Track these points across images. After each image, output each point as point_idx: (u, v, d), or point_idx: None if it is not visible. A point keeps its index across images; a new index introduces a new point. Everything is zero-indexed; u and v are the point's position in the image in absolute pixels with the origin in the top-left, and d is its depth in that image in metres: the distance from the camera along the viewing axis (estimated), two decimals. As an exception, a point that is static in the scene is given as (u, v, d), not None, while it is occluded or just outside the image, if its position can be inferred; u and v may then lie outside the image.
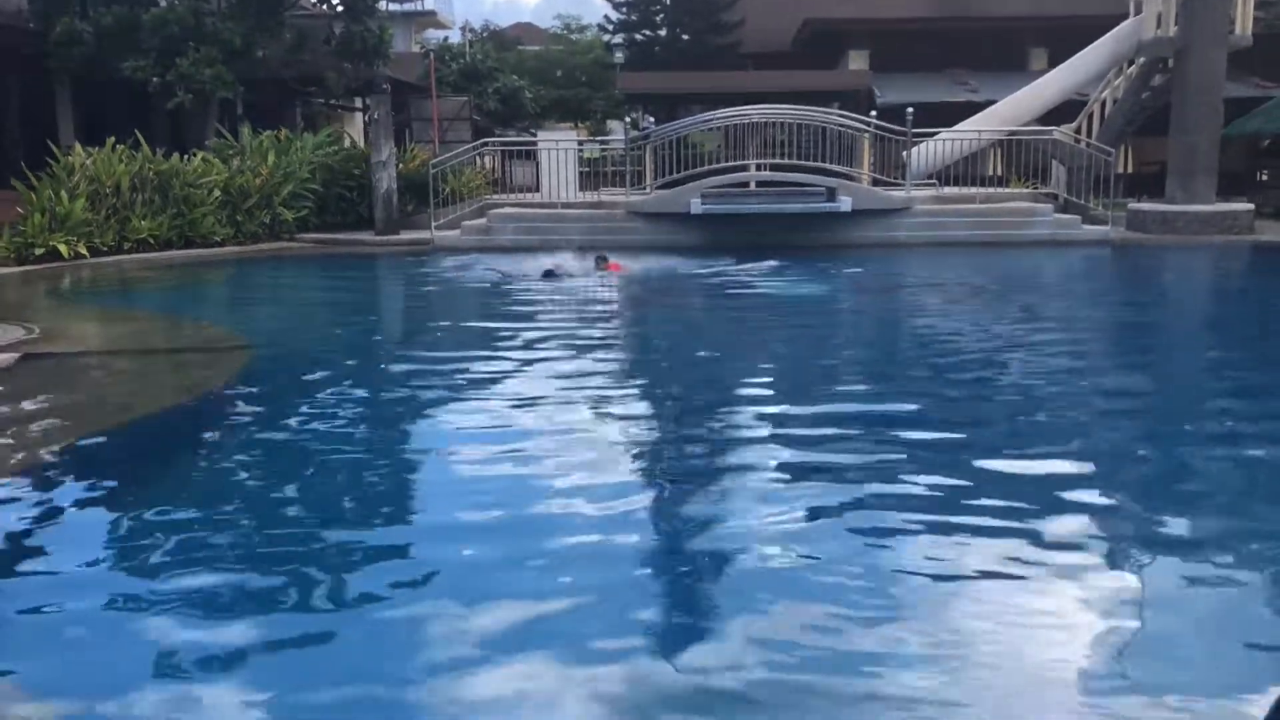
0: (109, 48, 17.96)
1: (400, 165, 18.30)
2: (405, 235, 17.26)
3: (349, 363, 7.98)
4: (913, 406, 6.24)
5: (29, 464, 5.02)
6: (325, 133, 20.05)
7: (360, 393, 6.90)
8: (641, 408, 6.47)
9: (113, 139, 15.70)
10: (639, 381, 7.26)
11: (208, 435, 5.90)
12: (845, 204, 15.67)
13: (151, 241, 15.14)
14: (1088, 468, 4.98)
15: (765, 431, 5.59)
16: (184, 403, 6.54)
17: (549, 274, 12.29)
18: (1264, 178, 21.03)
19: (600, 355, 8.00)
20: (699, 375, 7.32)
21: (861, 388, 6.97)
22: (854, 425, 5.80)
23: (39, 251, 13.75)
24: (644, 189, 17.50)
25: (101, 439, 5.61)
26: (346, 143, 20.39)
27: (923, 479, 4.67)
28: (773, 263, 13.60)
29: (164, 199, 15.54)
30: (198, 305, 11.90)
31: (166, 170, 15.62)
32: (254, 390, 7.03)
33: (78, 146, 15.55)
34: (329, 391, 6.79)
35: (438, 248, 16.36)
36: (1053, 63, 22.21)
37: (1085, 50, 19.41)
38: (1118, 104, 19.17)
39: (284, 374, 7.61)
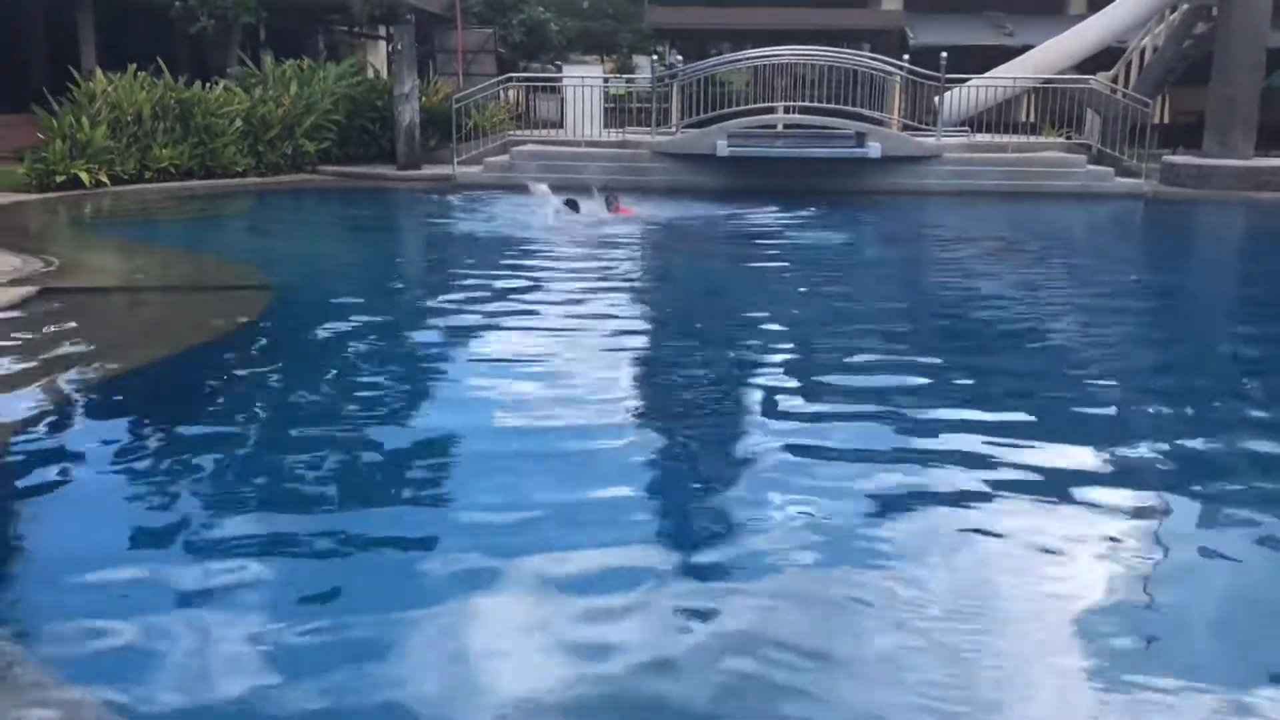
0: (131, -30, 17.75)
1: (423, 98, 18.05)
2: (427, 170, 17.09)
3: (369, 303, 7.91)
4: (932, 378, 6.14)
5: (44, 407, 4.99)
6: (348, 63, 19.78)
7: (380, 335, 6.85)
8: (662, 351, 6.41)
9: (134, 65, 15.53)
10: (661, 330, 7.19)
11: (228, 377, 5.87)
12: (874, 150, 15.39)
13: (173, 171, 15.03)
14: (1122, 445, 4.89)
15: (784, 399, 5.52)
16: (205, 342, 6.49)
17: (570, 203, 12.17)
18: (1305, 132, 20.51)
19: (623, 304, 7.91)
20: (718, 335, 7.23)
21: (874, 355, 6.86)
22: (872, 395, 5.71)
23: (60, 179, 13.67)
24: (670, 129, 17.23)
25: (119, 380, 5.58)
26: (369, 73, 20.14)
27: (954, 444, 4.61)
28: (802, 211, 13.41)
29: (185, 128, 15.40)
30: (219, 238, 11.84)
31: (188, 99, 15.46)
32: (276, 330, 6.99)
33: (99, 73, 15.39)
34: (349, 332, 6.75)
35: (460, 184, 16.19)
36: (1093, 7, 21.62)
37: (1127, -5, 18.87)
38: (1158, 52, 18.68)
39: (305, 313, 7.55)
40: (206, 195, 14.75)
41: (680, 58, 18.36)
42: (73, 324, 6.65)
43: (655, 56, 19.79)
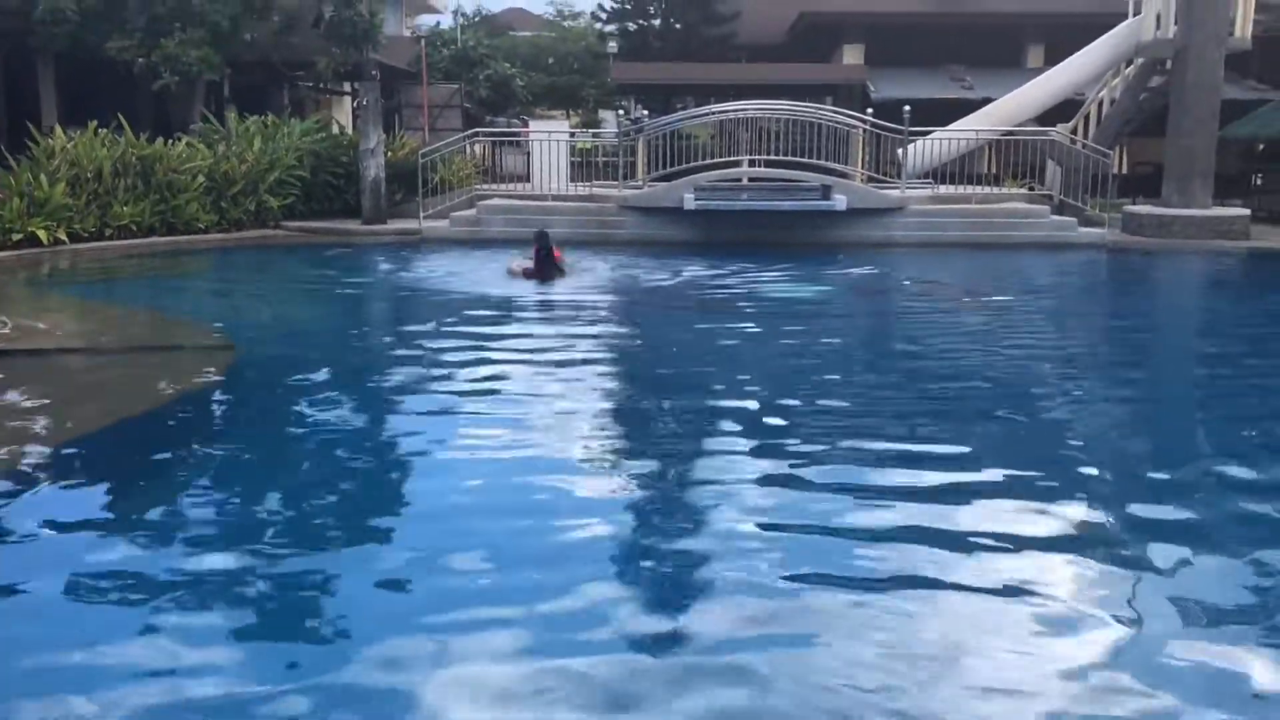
0: (94, 27, 17.62)
1: (389, 153, 18.01)
2: (393, 225, 16.99)
3: (330, 362, 7.75)
4: (909, 432, 6.06)
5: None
6: (313, 119, 19.74)
7: (341, 395, 6.69)
8: (627, 414, 6.29)
9: (95, 122, 15.38)
10: (629, 385, 7.08)
11: (188, 441, 5.69)
12: (840, 202, 15.48)
13: (134, 228, 14.83)
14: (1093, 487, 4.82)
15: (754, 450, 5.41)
16: (164, 405, 6.31)
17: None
18: (1259, 182, 20.92)
19: (589, 363, 7.79)
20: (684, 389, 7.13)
21: (843, 403, 6.79)
22: (845, 452, 5.62)
23: (16, 237, 13.42)
24: (637, 182, 17.27)
25: (76, 444, 5.40)
26: (335, 129, 20.08)
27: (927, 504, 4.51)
28: (771, 265, 13.42)
29: (147, 184, 15.23)
30: (180, 297, 11.63)
31: (150, 155, 15.31)
32: (236, 391, 6.82)
33: (59, 129, 15.22)
34: (310, 393, 6.60)
35: (426, 238, 16.10)
36: (1050, 60, 22.05)
37: (1083, 50, 19.25)
38: (1115, 104, 19.02)
39: (266, 373, 7.40)
40: (168, 252, 14.54)
41: (646, 112, 18.47)
42: (25, 387, 6.45)
43: (621, 111, 19.90)
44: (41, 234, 13.54)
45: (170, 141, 16.12)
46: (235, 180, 16.26)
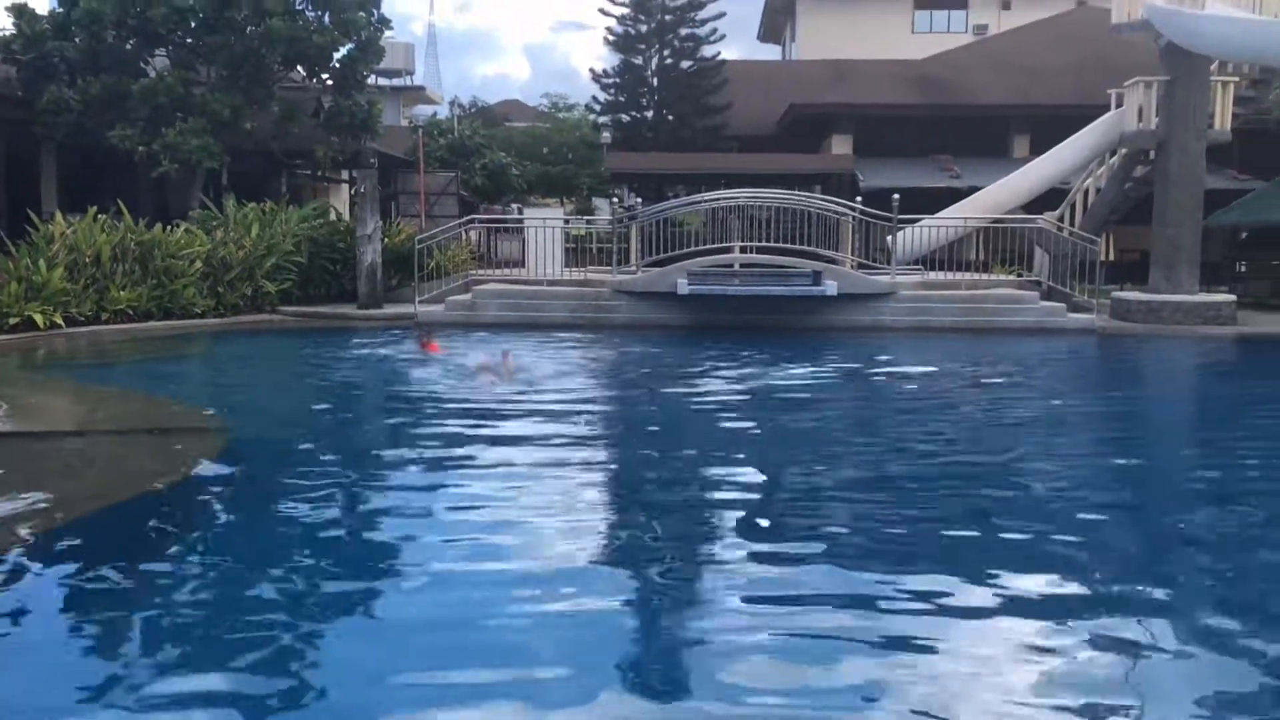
0: (96, 116, 17.95)
1: (385, 239, 18.21)
2: (389, 309, 17.11)
3: (325, 447, 7.75)
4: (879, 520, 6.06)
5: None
6: (311, 206, 19.99)
7: (335, 480, 6.68)
8: (616, 493, 6.28)
9: (94, 208, 15.57)
10: (615, 467, 7.08)
11: (180, 526, 5.67)
12: (831, 288, 15.66)
13: (130, 312, 14.92)
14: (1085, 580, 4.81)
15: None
16: (154, 490, 6.28)
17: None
18: (1243, 269, 21.23)
19: (575, 448, 7.79)
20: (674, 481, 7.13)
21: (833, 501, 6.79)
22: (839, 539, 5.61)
23: (13, 320, 13.50)
24: (630, 267, 17.47)
25: (68, 529, 5.37)
26: (332, 215, 20.33)
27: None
28: (760, 350, 13.48)
29: (144, 269, 15.36)
30: (174, 381, 11.63)
31: (148, 241, 15.48)
32: (226, 475, 6.79)
33: (58, 215, 15.40)
34: (304, 479, 6.58)
35: (422, 322, 16.19)
36: (1035, 150, 22.49)
37: (1068, 140, 19.67)
38: (1101, 193, 19.37)
39: (260, 458, 7.39)
40: (164, 336, 14.60)
41: (639, 199, 18.77)
42: (15, 470, 6.42)
43: (615, 199, 20.19)
44: (38, 318, 13.62)
45: (169, 227, 16.31)
46: (232, 266, 16.41)
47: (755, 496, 6.44)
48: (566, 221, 21.01)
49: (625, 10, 29.16)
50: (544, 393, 9.98)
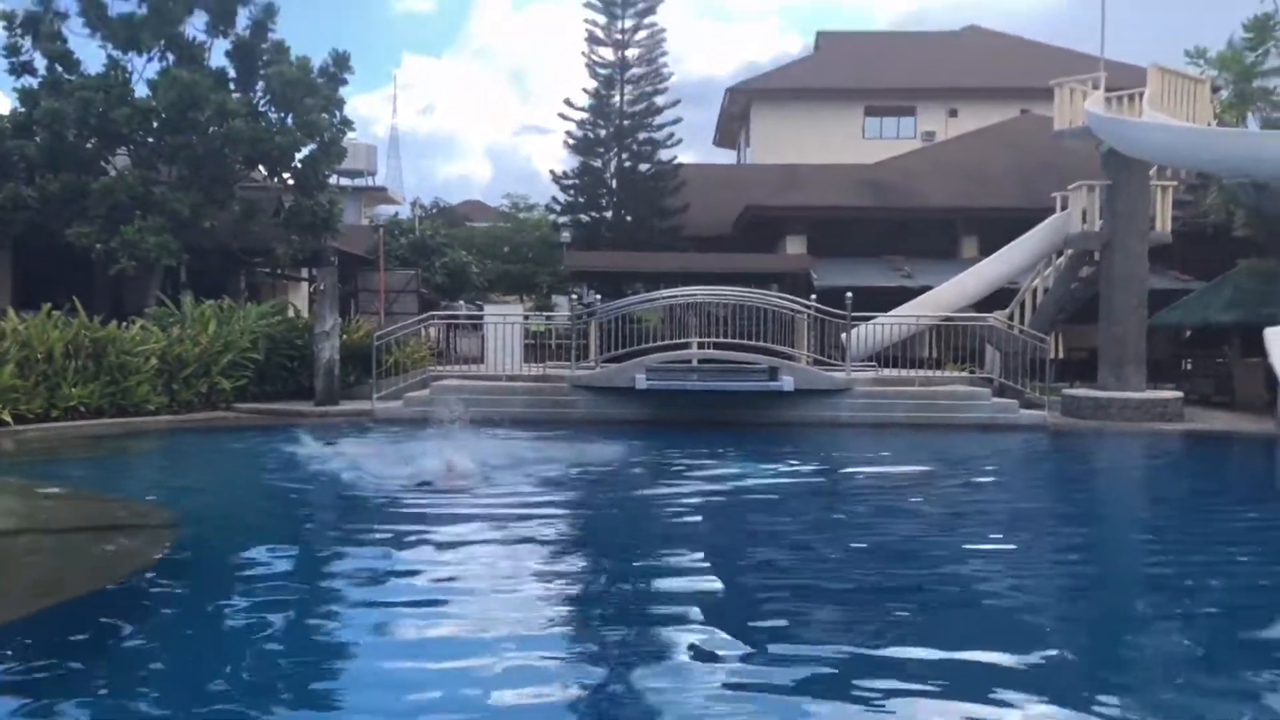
0: (54, 213, 17.95)
1: (344, 336, 18.20)
2: (346, 406, 17.01)
3: (272, 546, 7.60)
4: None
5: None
6: (270, 303, 19.97)
7: (287, 579, 6.57)
8: (571, 604, 6.22)
9: (49, 305, 15.46)
10: (580, 560, 7.02)
11: (130, 623, 5.52)
12: (787, 384, 15.83)
13: (82, 409, 14.70)
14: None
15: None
16: (101, 588, 6.14)
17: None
18: (1188, 366, 21.75)
19: (534, 546, 7.72)
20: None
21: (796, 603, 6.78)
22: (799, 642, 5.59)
23: (-40, 417, 13.26)
24: (589, 363, 17.57)
25: (13, 628, 5.22)
26: (290, 313, 20.31)
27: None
28: (715, 447, 13.51)
29: (98, 366, 15.19)
30: (124, 478, 11.42)
31: (103, 338, 15.34)
32: (178, 574, 6.65)
33: (10, 312, 15.26)
34: (255, 577, 6.47)
35: (378, 419, 16.10)
36: (984, 251, 23.10)
37: (1016, 241, 20.26)
38: (1049, 293, 19.88)
39: (210, 556, 7.26)
40: (114, 434, 14.36)
41: (598, 296, 18.97)
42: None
43: (574, 296, 20.42)
44: (-14, 415, 13.37)
45: (125, 324, 16.19)
46: (188, 362, 16.27)
47: (705, 604, 6.40)
48: (526, 317, 21.14)
49: (585, 115, 29.93)
50: (490, 496, 9.78)
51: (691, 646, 5.06)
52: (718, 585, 6.50)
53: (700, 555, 7.33)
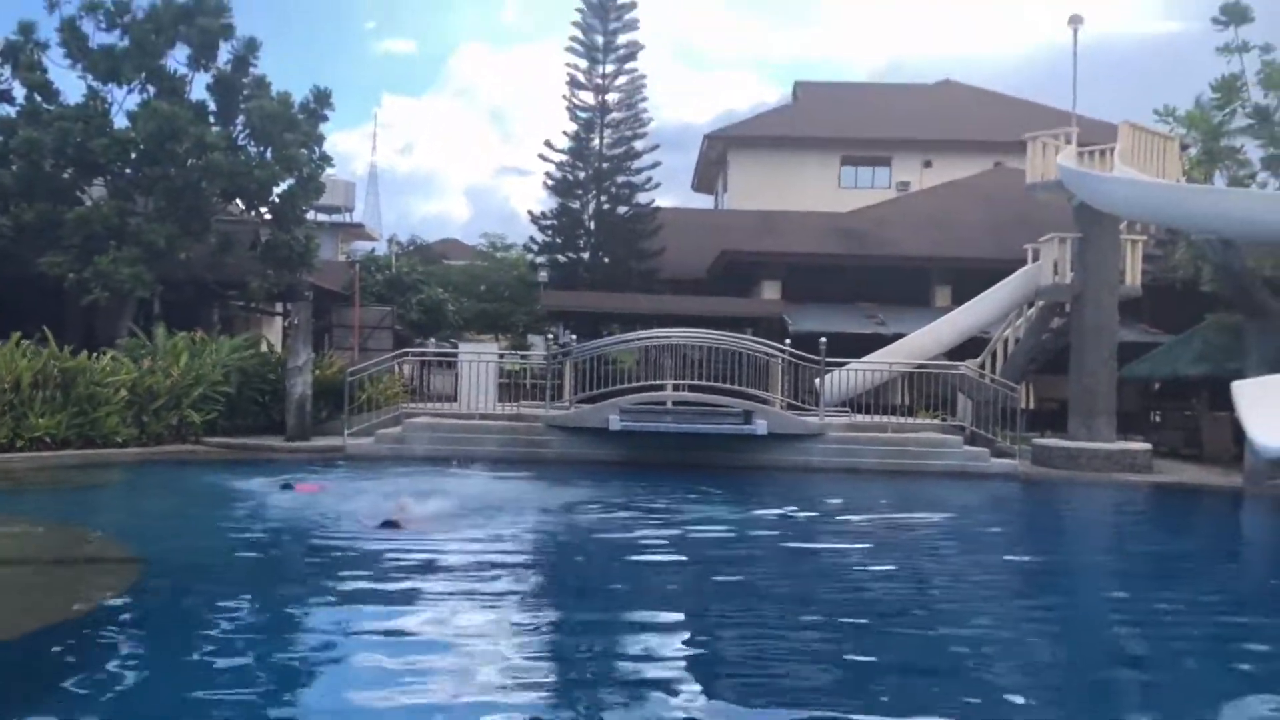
0: (28, 242, 17.82)
1: (317, 371, 18.08)
2: (317, 442, 16.87)
3: (237, 581, 7.51)
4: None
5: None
6: (243, 337, 19.85)
7: (251, 615, 6.47)
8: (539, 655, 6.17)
9: (18, 334, 15.30)
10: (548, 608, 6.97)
11: (89, 659, 5.42)
12: (761, 427, 15.87)
13: (48, 440, 14.52)
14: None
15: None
16: (62, 621, 6.04)
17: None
18: (1157, 418, 21.96)
19: (503, 589, 7.66)
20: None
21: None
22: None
23: (-77, 446, 13.06)
24: (563, 403, 17.54)
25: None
26: (264, 347, 20.18)
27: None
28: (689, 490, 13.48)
29: (66, 396, 15.02)
30: (87, 511, 11.25)
31: (72, 368, 15.18)
32: (141, 608, 6.55)
33: (-21, 340, 15.10)
34: (219, 612, 6.37)
35: (350, 455, 15.99)
36: (956, 300, 23.31)
37: (988, 291, 20.47)
38: (1020, 343, 20.08)
39: (173, 591, 7.14)
40: (79, 465, 14.18)
41: (574, 337, 18.99)
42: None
43: (550, 336, 20.40)
44: (-51, 444, 13.18)
45: (96, 355, 16.04)
46: (159, 395, 16.12)
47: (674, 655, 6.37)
48: (501, 356, 21.10)
49: (564, 157, 30.10)
50: (454, 540, 9.65)
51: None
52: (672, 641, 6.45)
53: (657, 608, 7.27)
